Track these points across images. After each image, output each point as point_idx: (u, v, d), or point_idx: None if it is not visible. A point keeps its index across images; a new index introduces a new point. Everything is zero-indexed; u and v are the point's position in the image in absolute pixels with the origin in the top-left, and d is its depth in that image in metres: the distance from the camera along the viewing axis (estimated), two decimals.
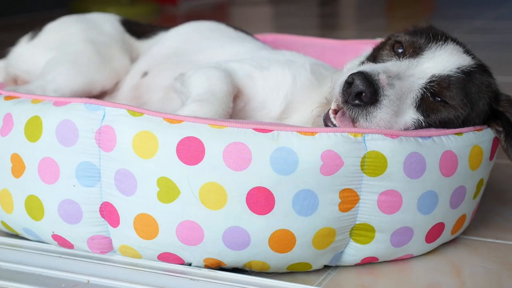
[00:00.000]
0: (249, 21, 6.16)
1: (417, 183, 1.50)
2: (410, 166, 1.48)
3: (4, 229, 1.70)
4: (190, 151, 1.42)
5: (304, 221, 1.45)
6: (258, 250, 1.47)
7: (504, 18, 5.58)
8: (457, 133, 1.55)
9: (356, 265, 1.58)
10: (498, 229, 1.78)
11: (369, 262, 1.57)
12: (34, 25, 2.30)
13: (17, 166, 1.56)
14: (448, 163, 1.53)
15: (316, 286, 1.51)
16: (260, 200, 1.42)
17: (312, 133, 1.43)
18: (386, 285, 1.51)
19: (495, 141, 1.65)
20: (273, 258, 1.48)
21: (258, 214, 1.43)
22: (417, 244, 1.59)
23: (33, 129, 1.54)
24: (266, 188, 1.41)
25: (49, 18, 2.30)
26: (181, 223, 1.45)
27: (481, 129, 1.61)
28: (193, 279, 1.47)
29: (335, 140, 1.43)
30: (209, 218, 1.44)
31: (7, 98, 1.65)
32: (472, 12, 5.76)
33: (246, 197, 1.42)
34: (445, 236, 1.64)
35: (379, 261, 1.59)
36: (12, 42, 2.34)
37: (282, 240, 1.46)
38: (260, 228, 1.44)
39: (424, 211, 1.54)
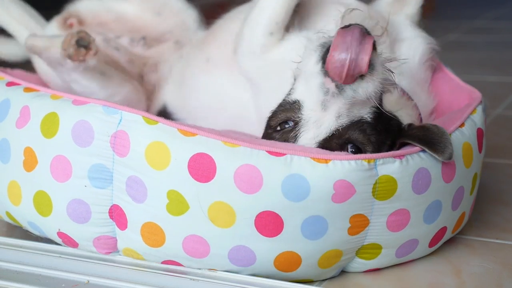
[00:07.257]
0: None
1: (424, 197, 1.49)
2: (418, 183, 1.46)
3: (7, 219, 1.69)
4: (201, 168, 1.40)
5: (311, 244, 1.43)
6: (263, 268, 1.46)
7: (504, 18, 5.57)
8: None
9: None
10: (498, 229, 1.77)
11: (371, 271, 1.57)
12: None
13: (29, 160, 1.56)
14: (448, 169, 1.52)
15: (316, 286, 1.51)
16: (269, 224, 1.40)
17: (326, 161, 1.40)
18: (386, 285, 1.51)
19: (479, 132, 1.65)
20: (277, 275, 1.47)
21: (265, 236, 1.41)
22: (421, 251, 1.59)
23: (50, 125, 1.53)
24: (275, 213, 1.39)
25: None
26: (188, 237, 1.44)
27: (463, 125, 1.61)
28: (193, 279, 1.47)
29: (349, 168, 1.39)
30: (216, 235, 1.43)
31: (27, 90, 1.64)
32: (472, 12, 5.75)
33: (255, 220, 1.40)
34: (447, 236, 1.64)
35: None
36: None
37: (288, 261, 1.45)
38: (266, 249, 1.43)
39: (429, 221, 1.53)
